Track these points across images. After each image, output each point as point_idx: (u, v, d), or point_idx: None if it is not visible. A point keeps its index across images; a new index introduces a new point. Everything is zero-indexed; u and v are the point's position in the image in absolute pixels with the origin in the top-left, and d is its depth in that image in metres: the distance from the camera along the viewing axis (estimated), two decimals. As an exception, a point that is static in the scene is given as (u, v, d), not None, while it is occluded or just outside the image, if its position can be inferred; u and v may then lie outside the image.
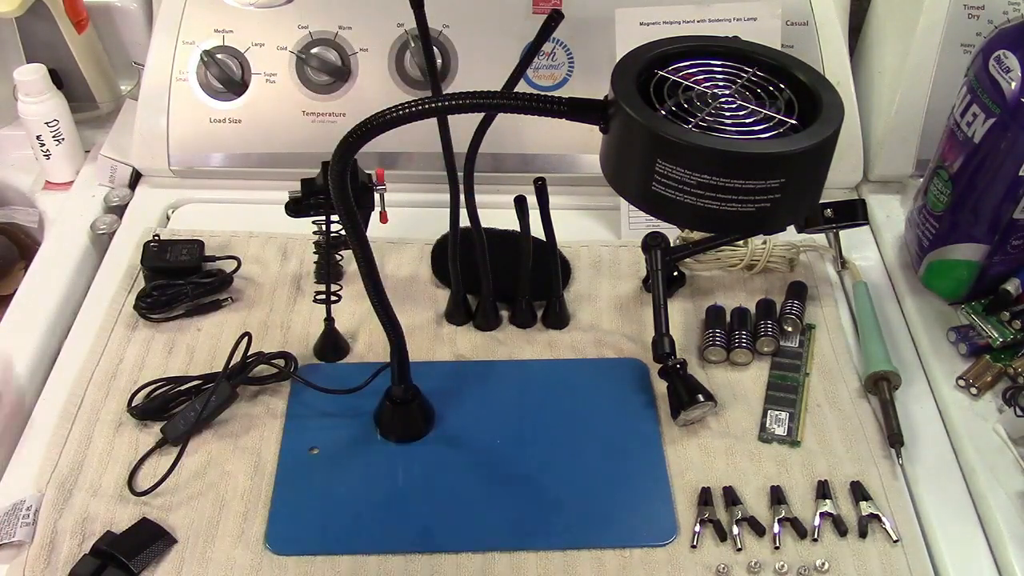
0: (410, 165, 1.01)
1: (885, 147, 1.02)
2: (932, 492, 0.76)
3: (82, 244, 0.97)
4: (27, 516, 0.71)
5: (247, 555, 0.70)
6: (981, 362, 0.84)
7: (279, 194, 0.82)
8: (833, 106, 0.60)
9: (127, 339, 0.86)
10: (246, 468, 0.76)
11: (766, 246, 0.93)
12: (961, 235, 0.86)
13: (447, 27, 1.00)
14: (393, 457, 0.78)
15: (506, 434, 0.79)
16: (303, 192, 0.81)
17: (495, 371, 0.85)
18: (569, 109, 0.60)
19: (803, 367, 0.86)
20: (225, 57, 0.99)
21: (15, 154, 1.09)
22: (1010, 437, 0.79)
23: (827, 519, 0.74)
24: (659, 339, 0.82)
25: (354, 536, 0.72)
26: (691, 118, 0.58)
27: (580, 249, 0.96)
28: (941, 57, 0.99)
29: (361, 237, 0.67)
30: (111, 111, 1.13)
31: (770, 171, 0.57)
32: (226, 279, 0.90)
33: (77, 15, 1.07)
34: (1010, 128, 0.78)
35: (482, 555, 0.71)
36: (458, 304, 0.88)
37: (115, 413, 0.79)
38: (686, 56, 0.64)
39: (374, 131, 0.59)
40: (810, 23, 1.01)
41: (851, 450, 0.79)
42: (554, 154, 1.01)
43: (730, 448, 0.79)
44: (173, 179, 1.02)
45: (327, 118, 1.00)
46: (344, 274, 0.90)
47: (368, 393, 0.79)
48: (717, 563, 0.71)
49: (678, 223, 0.74)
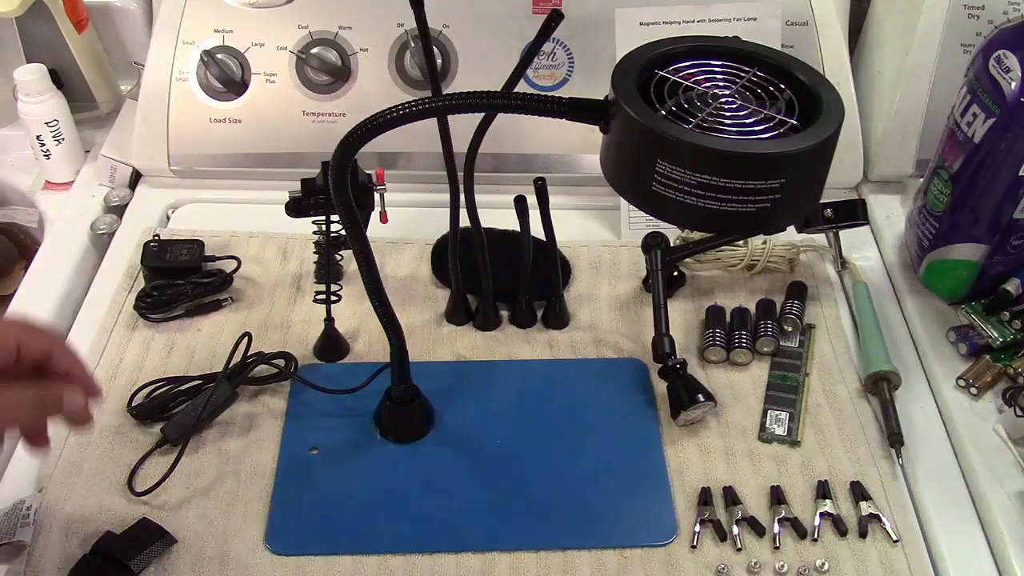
0: (410, 165, 1.01)
1: (885, 147, 1.02)
2: (932, 492, 0.76)
3: (82, 244, 0.97)
4: (27, 516, 0.71)
5: (247, 555, 0.70)
6: (981, 362, 0.84)
7: (279, 194, 0.82)
8: (833, 106, 0.60)
9: (127, 339, 0.86)
10: (246, 468, 0.76)
11: (766, 246, 0.93)
12: (961, 235, 0.86)
13: (447, 27, 1.00)
14: (393, 457, 0.78)
15: (506, 434, 0.79)
16: (303, 192, 0.81)
17: (495, 371, 0.85)
18: (569, 109, 0.60)
19: (803, 367, 0.86)
20: (225, 57, 0.99)
21: (15, 154, 1.08)
22: (1010, 437, 0.79)
23: (827, 519, 0.74)
24: (659, 339, 0.82)
25: (354, 536, 0.72)
26: (691, 118, 0.58)
27: (580, 249, 0.96)
28: (941, 57, 0.99)
29: (361, 237, 0.67)
30: (111, 111, 1.13)
31: (770, 171, 0.57)
32: (226, 279, 0.90)
33: (77, 15, 1.07)
34: (1010, 128, 0.78)
35: (482, 555, 0.71)
36: (458, 304, 0.88)
37: (115, 413, 0.79)
38: (686, 56, 0.64)
39: (374, 131, 0.59)
40: (810, 23, 1.01)
41: (851, 450, 0.79)
42: (554, 154, 1.01)
43: (730, 448, 0.79)
44: (173, 179, 1.02)
45: (327, 118, 1.00)
46: (344, 274, 0.90)
47: (368, 393, 0.79)
48: (717, 563, 0.71)
49: (678, 223, 0.74)
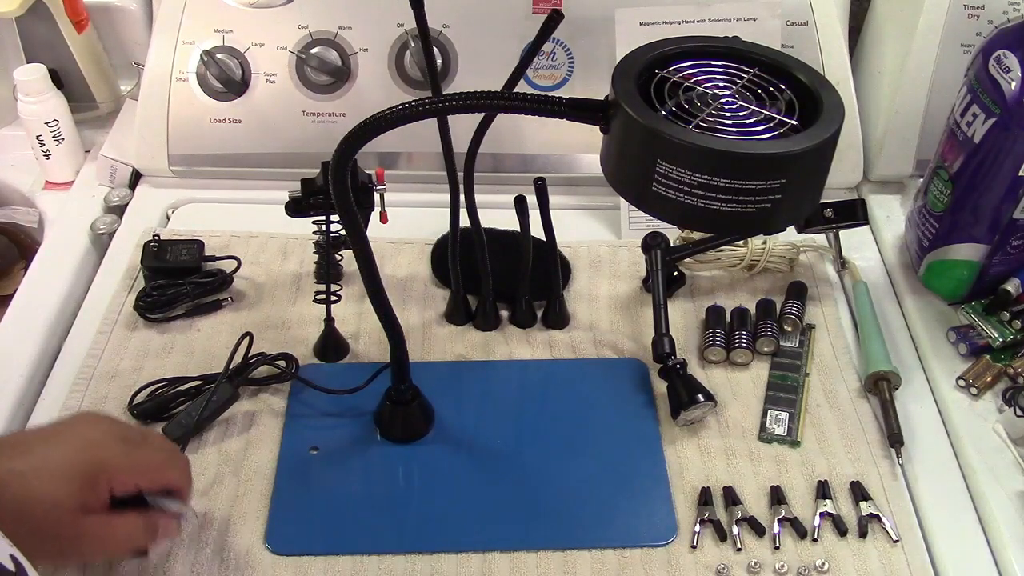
0: (410, 165, 1.01)
1: (885, 147, 1.02)
2: (932, 492, 0.76)
3: (82, 244, 0.97)
4: (27, 516, 0.71)
5: (247, 555, 0.70)
6: (981, 362, 0.84)
7: (279, 194, 0.82)
8: (833, 107, 0.60)
9: (127, 339, 0.86)
10: (246, 468, 0.76)
11: (766, 246, 0.93)
12: (961, 235, 0.86)
13: (447, 27, 1.00)
14: (393, 457, 0.78)
15: (506, 434, 0.79)
16: (303, 192, 0.81)
17: (495, 371, 0.85)
18: (569, 109, 0.60)
19: (803, 367, 0.86)
20: (225, 57, 0.99)
21: (15, 154, 1.08)
22: (1010, 437, 0.79)
23: (827, 519, 0.74)
24: (659, 339, 0.82)
25: (354, 536, 0.72)
26: (692, 119, 0.58)
27: (580, 249, 0.96)
28: (941, 57, 0.99)
29: (361, 237, 0.67)
30: (111, 111, 1.13)
31: (770, 172, 0.57)
32: (226, 279, 0.90)
33: (77, 15, 1.07)
34: (1010, 128, 0.78)
35: (482, 555, 0.71)
36: (458, 304, 0.88)
37: (115, 413, 0.79)
38: (686, 56, 0.64)
39: (374, 131, 0.59)
40: (810, 23, 1.01)
41: (851, 450, 0.79)
42: (554, 154, 1.01)
43: (730, 448, 0.79)
44: (173, 179, 1.02)
45: (327, 118, 1.00)
46: (344, 274, 0.90)
47: (368, 393, 0.79)
48: (717, 563, 0.71)
49: (678, 223, 0.74)
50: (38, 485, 0.58)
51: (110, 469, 0.61)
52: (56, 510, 0.58)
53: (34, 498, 0.58)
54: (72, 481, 0.59)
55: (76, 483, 0.59)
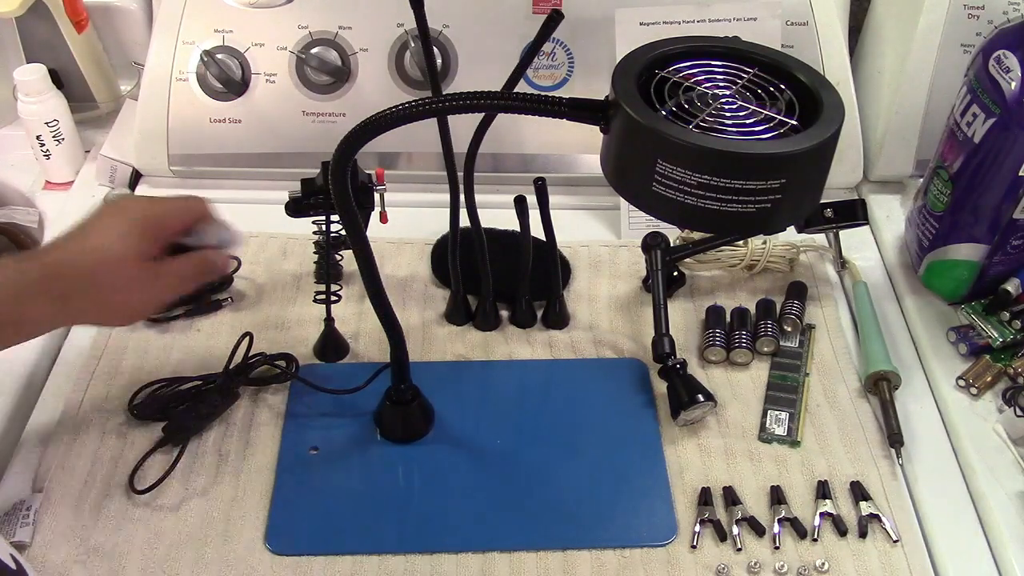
0: (410, 165, 1.01)
1: (885, 147, 1.02)
2: (932, 492, 0.76)
3: (82, 244, 0.96)
4: (27, 516, 0.71)
5: (247, 555, 0.70)
6: (981, 362, 0.84)
7: (279, 194, 0.82)
8: (833, 107, 0.60)
9: (127, 339, 0.86)
10: (246, 468, 0.76)
11: (766, 246, 0.93)
12: (961, 235, 0.86)
13: (447, 27, 1.00)
14: (393, 457, 0.78)
15: (506, 434, 0.79)
16: (303, 192, 0.81)
17: (495, 371, 0.85)
18: (569, 109, 0.60)
19: (803, 367, 0.86)
20: (225, 57, 0.99)
21: (15, 154, 1.08)
22: (1010, 437, 0.79)
23: (827, 519, 0.74)
24: (659, 339, 0.82)
25: (354, 536, 0.72)
26: (692, 119, 0.58)
27: (580, 249, 0.96)
28: (941, 57, 0.99)
29: (361, 237, 0.67)
30: (111, 111, 1.13)
31: (771, 172, 0.57)
32: (226, 279, 0.90)
33: (77, 15, 1.07)
34: (1010, 128, 0.78)
35: (482, 555, 0.71)
36: (458, 304, 0.88)
37: (116, 413, 0.79)
38: (687, 57, 0.64)
39: (374, 131, 0.59)
40: (810, 23, 1.01)
41: (851, 450, 0.79)
42: (554, 154, 1.01)
43: (730, 448, 0.79)
44: (173, 179, 1.02)
45: (327, 118, 1.00)
46: (344, 274, 0.90)
47: (368, 393, 0.79)
48: (717, 563, 0.71)
49: (678, 223, 0.74)
50: (101, 249, 0.67)
51: (153, 218, 0.70)
52: (123, 264, 0.67)
53: (101, 262, 0.67)
54: (128, 237, 0.68)
55: (132, 237, 0.68)
